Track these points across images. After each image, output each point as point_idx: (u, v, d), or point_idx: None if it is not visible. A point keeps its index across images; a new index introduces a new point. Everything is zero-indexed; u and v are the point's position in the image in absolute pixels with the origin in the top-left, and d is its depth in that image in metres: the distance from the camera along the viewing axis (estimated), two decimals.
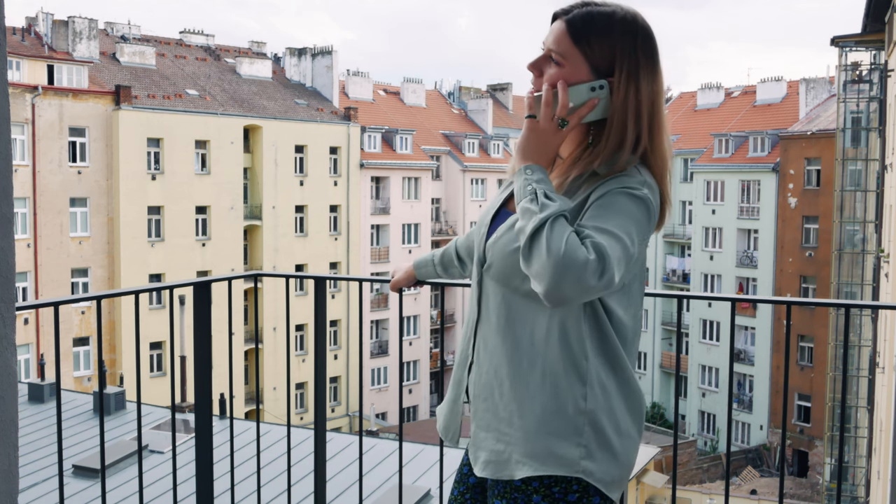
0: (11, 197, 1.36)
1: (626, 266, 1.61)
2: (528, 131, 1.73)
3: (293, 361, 34.94)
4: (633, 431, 1.78)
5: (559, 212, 1.60)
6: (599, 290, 1.55)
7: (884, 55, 24.42)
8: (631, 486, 22.50)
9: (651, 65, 1.74)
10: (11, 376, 1.35)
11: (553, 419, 1.73)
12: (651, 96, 1.74)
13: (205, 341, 3.34)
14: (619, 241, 1.59)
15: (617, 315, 1.75)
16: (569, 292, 1.54)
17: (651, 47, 1.75)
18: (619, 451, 1.75)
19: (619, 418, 1.75)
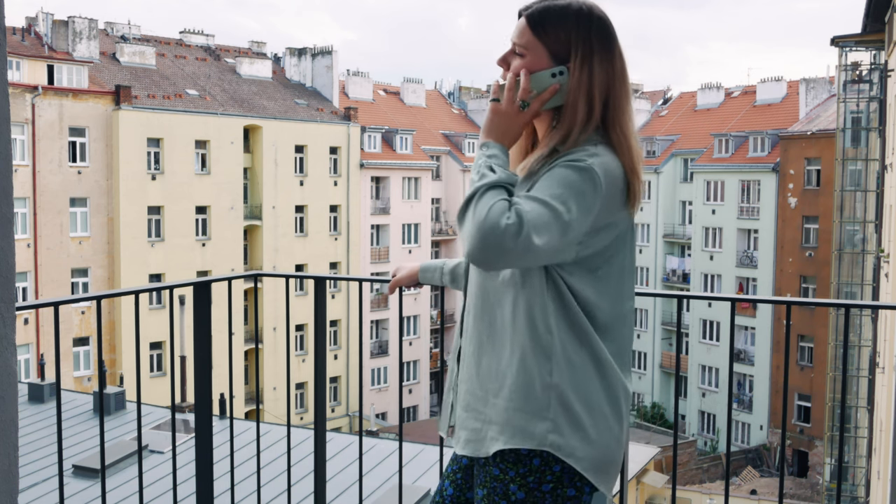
0: (11, 197, 1.36)
1: (558, 233, 1.67)
2: (491, 113, 1.85)
3: (293, 361, 34.94)
4: (607, 409, 1.80)
5: (495, 182, 1.71)
6: (519, 253, 1.64)
7: (884, 55, 24.42)
8: (631, 487, 22.49)
9: (606, 50, 1.83)
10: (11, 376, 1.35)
11: (522, 395, 1.79)
12: (606, 78, 1.82)
13: (205, 341, 3.34)
14: (548, 207, 1.67)
15: (584, 295, 1.79)
16: (488, 254, 1.64)
17: (606, 34, 1.84)
18: (589, 427, 1.78)
19: (591, 395, 1.79)
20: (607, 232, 1.80)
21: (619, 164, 1.79)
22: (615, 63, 1.84)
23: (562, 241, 1.70)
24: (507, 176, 1.74)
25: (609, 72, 1.83)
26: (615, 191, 1.77)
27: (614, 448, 1.82)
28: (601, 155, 1.77)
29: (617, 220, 1.80)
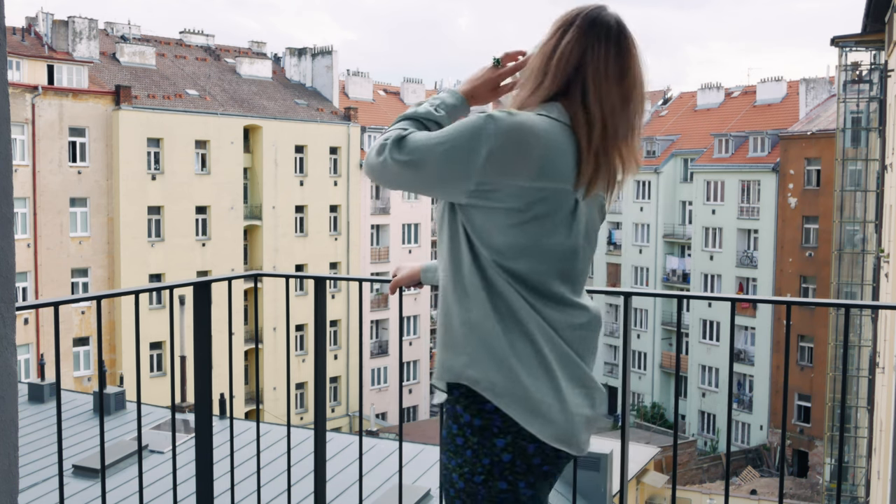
0: (11, 197, 1.36)
1: (419, 156, 1.79)
2: (477, 70, 2.05)
3: (293, 361, 34.94)
4: (528, 352, 1.83)
5: (412, 115, 1.93)
6: (378, 168, 1.85)
7: (884, 55, 24.42)
8: (631, 487, 22.49)
9: (587, 34, 1.88)
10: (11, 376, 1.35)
11: (445, 332, 1.90)
12: (577, 56, 1.87)
13: (205, 341, 3.33)
14: (424, 135, 1.82)
15: (491, 245, 1.83)
16: (366, 163, 1.91)
17: (593, 21, 1.90)
18: (513, 366, 1.81)
19: (508, 337, 1.83)
20: (507, 194, 1.80)
21: (551, 133, 1.82)
22: (597, 46, 1.87)
23: (425, 174, 1.81)
24: (425, 111, 1.93)
25: (579, 53, 1.87)
26: (515, 153, 1.78)
27: (542, 396, 1.82)
28: (514, 114, 1.81)
29: (525, 188, 1.80)
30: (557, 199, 1.84)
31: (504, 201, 1.80)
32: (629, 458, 3.17)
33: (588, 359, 1.95)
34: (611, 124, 1.87)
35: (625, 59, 1.89)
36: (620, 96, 1.88)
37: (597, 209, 1.96)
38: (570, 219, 1.87)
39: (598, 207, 1.97)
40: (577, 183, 1.84)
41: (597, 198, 1.93)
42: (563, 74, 1.87)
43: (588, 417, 1.90)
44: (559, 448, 1.87)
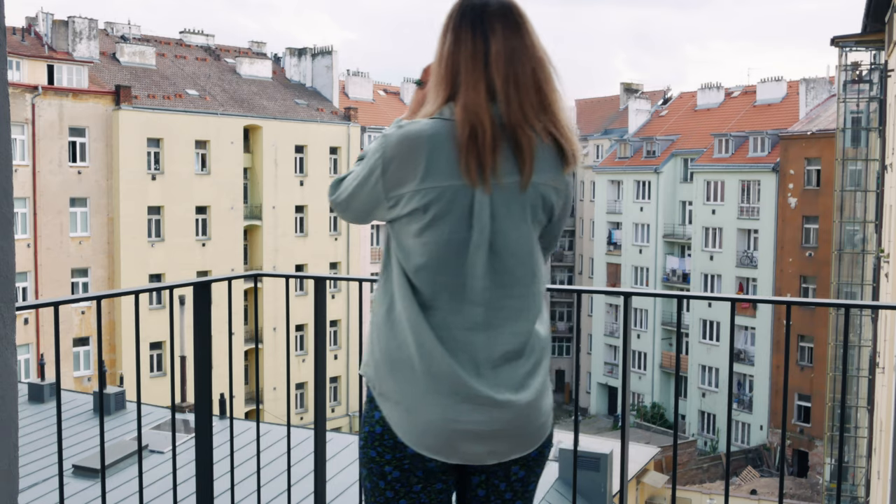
0: (11, 197, 1.36)
1: (345, 193, 1.97)
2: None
3: (293, 361, 34.93)
4: (406, 361, 1.87)
5: (360, 155, 2.00)
6: (339, 213, 2.04)
7: (884, 55, 24.42)
8: (631, 487, 22.49)
9: (458, 27, 1.91)
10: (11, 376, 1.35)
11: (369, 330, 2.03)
12: (453, 58, 1.90)
13: (205, 341, 3.33)
14: (352, 172, 1.97)
15: (400, 252, 1.92)
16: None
17: (462, 14, 1.91)
18: (385, 373, 1.91)
19: (385, 342, 1.91)
20: (409, 201, 1.86)
21: (434, 135, 1.84)
22: (459, 41, 1.89)
23: (356, 202, 1.96)
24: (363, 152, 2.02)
25: (452, 49, 1.89)
26: (412, 156, 1.84)
27: (415, 408, 1.86)
28: (406, 126, 1.88)
29: (420, 191, 1.84)
30: (451, 197, 1.84)
31: (406, 207, 1.87)
32: (629, 458, 3.17)
33: (486, 366, 1.87)
34: (484, 111, 1.85)
35: (489, 38, 1.88)
36: (499, 78, 1.86)
37: (528, 198, 1.89)
38: (469, 215, 1.86)
39: (536, 196, 1.90)
40: (466, 177, 1.84)
41: (514, 185, 1.87)
42: (449, 73, 1.89)
43: (476, 432, 1.85)
44: (429, 455, 1.89)
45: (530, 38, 1.92)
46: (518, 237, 1.90)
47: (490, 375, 1.87)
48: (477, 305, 1.88)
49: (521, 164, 1.86)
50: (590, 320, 48.62)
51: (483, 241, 1.87)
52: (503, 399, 1.86)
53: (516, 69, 1.88)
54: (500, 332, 1.89)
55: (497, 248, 1.88)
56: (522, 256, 1.91)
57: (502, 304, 1.89)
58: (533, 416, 1.91)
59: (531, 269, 1.93)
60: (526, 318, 1.92)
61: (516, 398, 1.87)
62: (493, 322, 1.88)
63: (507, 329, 1.89)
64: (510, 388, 1.87)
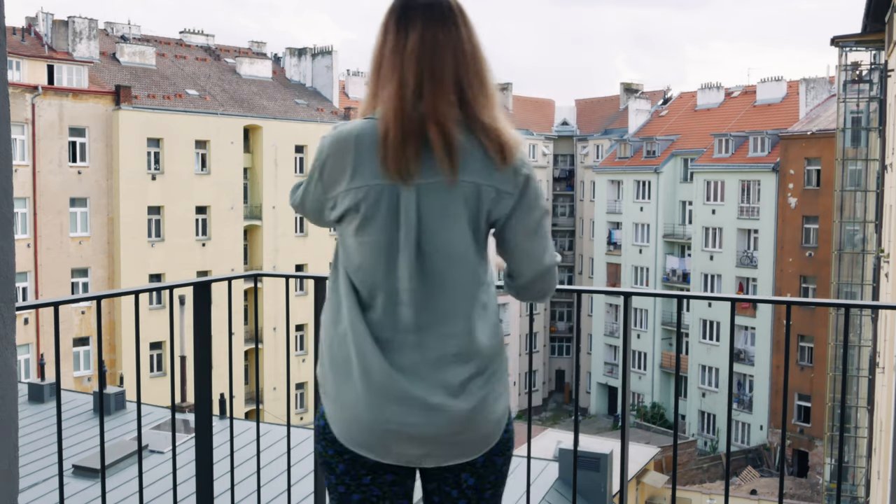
0: (11, 197, 1.36)
1: (297, 201, 2.08)
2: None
3: (293, 361, 34.93)
4: (340, 359, 1.91)
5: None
6: (295, 210, 2.13)
7: (884, 55, 24.42)
8: (631, 487, 22.50)
9: (385, 28, 1.92)
10: (11, 376, 1.35)
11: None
12: (378, 57, 1.92)
13: (205, 341, 3.33)
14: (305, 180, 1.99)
15: (342, 252, 1.97)
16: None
17: (394, 14, 1.91)
18: (326, 363, 1.95)
19: (332, 337, 1.94)
20: (342, 202, 1.89)
21: (360, 135, 1.86)
22: (385, 37, 1.90)
23: (308, 206, 2.03)
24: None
25: (378, 50, 1.91)
26: (339, 158, 1.87)
27: (345, 408, 1.91)
28: (339, 127, 1.91)
29: (347, 191, 1.87)
30: (377, 196, 1.84)
31: (340, 208, 1.90)
32: (629, 458, 3.17)
33: (419, 368, 1.85)
34: (395, 106, 1.83)
35: (409, 32, 1.85)
36: (412, 72, 1.83)
37: (458, 198, 1.83)
38: (396, 215, 1.85)
39: (470, 196, 1.84)
40: (387, 176, 1.83)
41: (440, 184, 1.82)
42: (376, 70, 1.92)
43: (410, 434, 1.84)
44: (362, 453, 1.91)
45: (457, 31, 1.85)
46: (449, 238, 1.84)
47: (424, 378, 1.84)
48: (407, 306, 1.86)
49: (441, 162, 1.81)
50: (590, 320, 48.62)
51: (410, 242, 1.84)
52: (436, 402, 1.83)
53: (433, 63, 1.83)
54: (431, 335, 1.85)
55: (425, 249, 1.85)
56: (455, 258, 1.85)
57: (432, 306, 1.86)
58: (476, 425, 1.87)
59: (467, 271, 1.87)
60: (459, 321, 1.86)
61: (452, 403, 1.83)
62: (423, 324, 1.86)
63: (438, 331, 1.85)
64: (446, 393, 1.84)
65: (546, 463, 12.44)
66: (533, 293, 2.03)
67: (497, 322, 1.94)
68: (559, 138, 55.42)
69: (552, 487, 11.60)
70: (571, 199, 55.37)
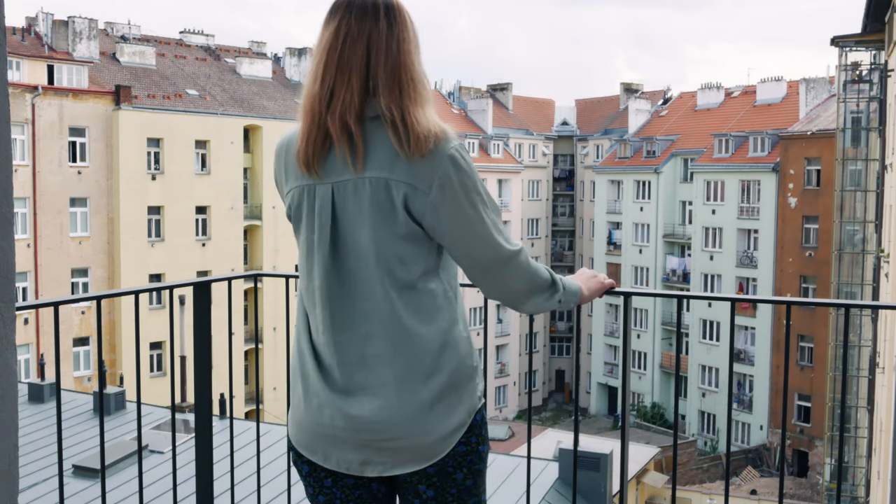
0: (11, 197, 1.36)
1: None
2: None
3: None
4: (296, 372, 1.93)
5: None
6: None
7: (884, 55, 24.42)
8: (631, 487, 22.50)
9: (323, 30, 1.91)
10: (11, 376, 1.35)
11: None
12: (316, 54, 1.90)
13: (205, 341, 3.33)
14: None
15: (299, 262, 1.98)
16: None
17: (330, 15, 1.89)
18: (292, 364, 1.96)
19: (294, 340, 1.97)
20: (287, 200, 1.93)
21: (293, 136, 1.88)
22: (321, 37, 1.84)
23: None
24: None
25: (317, 48, 1.85)
26: (277, 163, 1.94)
27: (295, 411, 1.93)
28: (287, 133, 1.93)
29: (288, 190, 1.91)
30: (300, 197, 1.87)
31: (287, 211, 1.94)
32: (629, 458, 3.17)
33: (342, 371, 1.82)
34: (306, 104, 1.83)
35: (327, 28, 1.84)
36: (323, 66, 1.81)
37: (368, 195, 1.78)
38: (311, 212, 1.86)
39: (381, 193, 1.77)
40: (308, 175, 1.84)
41: (351, 182, 1.79)
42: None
43: (341, 438, 1.83)
44: (308, 456, 1.92)
45: (375, 24, 1.78)
46: (362, 237, 1.79)
47: (343, 380, 1.82)
48: (324, 307, 1.83)
49: (342, 158, 1.77)
50: (590, 320, 48.63)
51: (324, 241, 1.82)
52: (355, 406, 1.80)
53: (343, 55, 1.78)
54: (349, 336, 1.81)
55: (339, 248, 1.82)
56: (368, 256, 1.79)
57: (349, 306, 1.81)
58: (412, 433, 1.80)
59: (383, 270, 1.79)
60: (379, 321, 1.79)
61: (373, 407, 1.79)
62: (340, 325, 1.82)
63: (357, 332, 1.81)
64: (366, 395, 1.80)
65: (546, 463, 12.44)
66: (500, 293, 1.92)
67: (445, 325, 1.83)
68: (559, 138, 55.44)
69: (552, 487, 11.60)
70: (571, 199, 55.39)
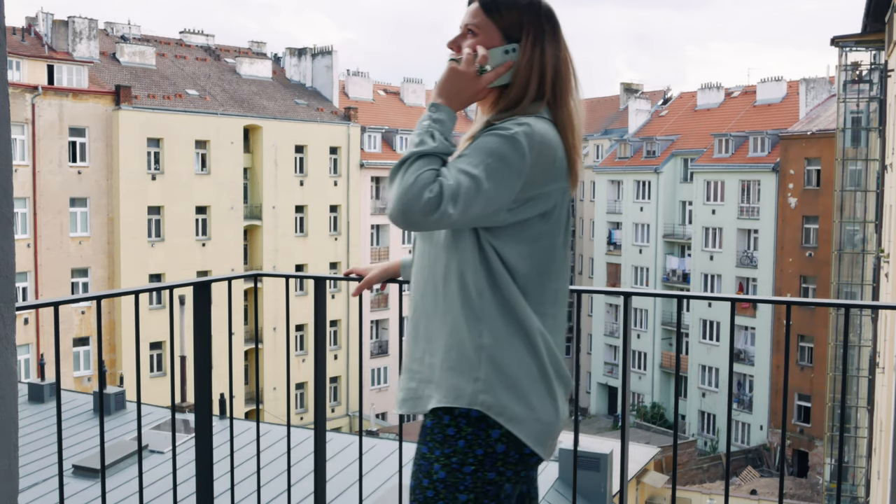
0: (11, 197, 1.36)
1: (477, 203, 1.75)
2: (448, 72, 1.89)
3: (293, 361, 34.94)
4: (538, 378, 1.85)
5: (431, 151, 1.77)
6: (433, 223, 1.74)
7: (884, 55, 24.41)
8: (631, 487, 22.50)
9: (553, 34, 1.95)
10: (11, 376, 1.35)
11: (454, 355, 1.86)
12: (555, 59, 1.93)
13: (205, 341, 3.33)
14: (470, 176, 1.74)
15: (512, 263, 1.86)
16: (406, 220, 1.75)
17: (553, 20, 1.96)
18: (523, 390, 1.84)
19: (521, 360, 1.84)
20: (536, 203, 1.85)
21: (556, 136, 1.87)
22: (561, 47, 1.95)
23: (483, 210, 1.77)
24: (444, 146, 1.80)
25: (556, 55, 1.93)
26: (545, 161, 1.84)
27: (547, 418, 1.87)
28: (532, 125, 1.82)
29: (548, 192, 1.86)
30: (563, 198, 1.90)
31: (532, 209, 1.86)
32: (629, 458, 3.17)
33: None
34: (578, 121, 1.95)
35: (560, 38, 1.97)
36: (571, 78, 1.97)
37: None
38: (563, 215, 1.93)
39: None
40: (572, 185, 1.90)
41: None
42: (550, 82, 1.94)
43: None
44: (542, 455, 1.92)
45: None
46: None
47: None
48: (564, 309, 2.03)
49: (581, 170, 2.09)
50: (590, 320, 48.62)
51: (567, 245, 2.00)
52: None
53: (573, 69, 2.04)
54: (563, 335, 2.07)
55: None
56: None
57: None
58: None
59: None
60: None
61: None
62: (563, 326, 2.06)
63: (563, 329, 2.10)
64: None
65: (546, 463, 12.42)
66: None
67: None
68: None
69: (552, 487, 11.60)
70: (571, 199, 55.34)
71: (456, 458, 1.85)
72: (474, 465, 1.85)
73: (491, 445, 1.84)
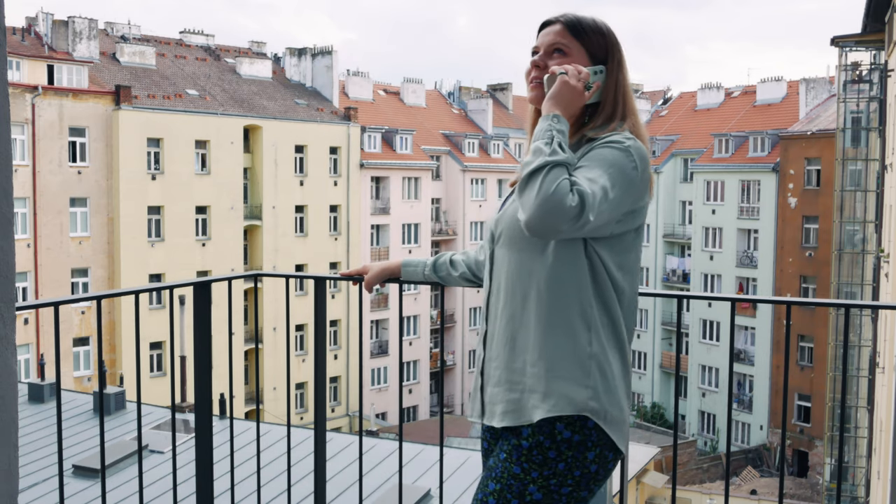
0: (11, 197, 1.36)
1: (607, 211, 1.85)
2: (560, 85, 1.98)
3: (293, 361, 34.94)
4: (623, 379, 1.97)
5: (564, 161, 1.84)
6: (575, 230, 1.81)
7: (884, 55, 24.41)
8: (631, 487, 22.50)
9: (623, 57, 2.12)
10: (11, 376, 1.35)
11: (563, 363, 1.92)
12: (625, 81, 2.10)
13: (205, 341, 3.33)
14: (600, 186, 1.84)
15: (612, 271, 1.95)
16: (546, 227, 1.80)
17: (620, 45, 2.13)
18: (619, 395, 1.95)
19: (614, 365, 1.95)
20: (636, 216, 1.96)
21: (647, 153, 2.00)
22: (626, 69, 2.12)
23: (608, 218, 1.87)
24: (571, 157, 1.88)
25: (626, 75, 2.11)
26: (647, 175, 1.95)
27: (629, 421, 2.03)
28: (635, 140, 1.97)
29: (644, 206, 1.98)
30: (646, 212, 2.01)
31: (636, 220, 1.97)
32: (629, 458, 3.17)
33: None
34: (645, 136, 2.08)
35: (622, 51, 2.17)
36: (631, 90, 2.15)
37: None
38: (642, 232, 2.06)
39: None
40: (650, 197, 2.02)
41: None
42: (624, 101, 2.09)
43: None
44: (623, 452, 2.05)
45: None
46: None
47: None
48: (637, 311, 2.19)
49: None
50: None
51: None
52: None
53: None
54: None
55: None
56: None
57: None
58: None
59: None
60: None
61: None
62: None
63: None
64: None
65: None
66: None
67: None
68: None
69: None
70: None
71: (555, 479, 1.92)
72: (571, 486, 1.93)
73: (587, 467, 1.93)
